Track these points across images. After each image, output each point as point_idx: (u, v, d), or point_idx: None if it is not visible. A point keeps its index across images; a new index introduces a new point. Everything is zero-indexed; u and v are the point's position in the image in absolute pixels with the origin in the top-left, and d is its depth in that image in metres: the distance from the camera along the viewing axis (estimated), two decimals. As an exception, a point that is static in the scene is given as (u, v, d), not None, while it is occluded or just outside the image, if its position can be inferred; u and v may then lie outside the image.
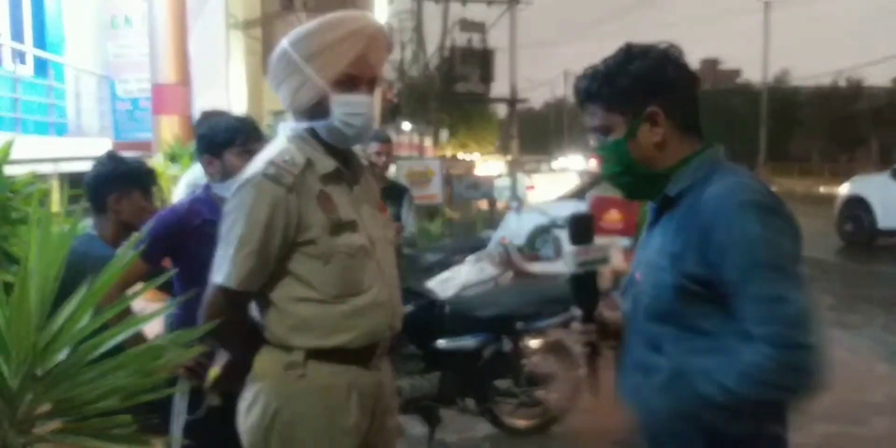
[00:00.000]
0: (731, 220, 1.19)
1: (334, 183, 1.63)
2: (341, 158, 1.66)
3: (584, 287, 1.44)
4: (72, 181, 3.28)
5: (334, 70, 1.57)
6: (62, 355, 1.47)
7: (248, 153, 2.24)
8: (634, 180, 1.36)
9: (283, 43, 1.61)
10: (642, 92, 1.30)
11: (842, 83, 34.85)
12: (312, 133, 1.64)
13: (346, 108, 1.59)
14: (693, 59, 1.35)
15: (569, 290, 1.44)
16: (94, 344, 1.49)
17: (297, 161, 1.58)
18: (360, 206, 1.67)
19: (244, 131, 2.29)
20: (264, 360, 1.61)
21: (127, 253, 1.70)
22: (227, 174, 2.25)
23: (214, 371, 1.71)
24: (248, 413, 1.62)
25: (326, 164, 1.62)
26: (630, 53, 1.32)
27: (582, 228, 1.45)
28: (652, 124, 1.31)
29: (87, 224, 2.30)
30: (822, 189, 21.64)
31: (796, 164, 31.04)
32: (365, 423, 1.66)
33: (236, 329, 1.62)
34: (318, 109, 1.60)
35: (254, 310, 1.65)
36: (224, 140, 2.26)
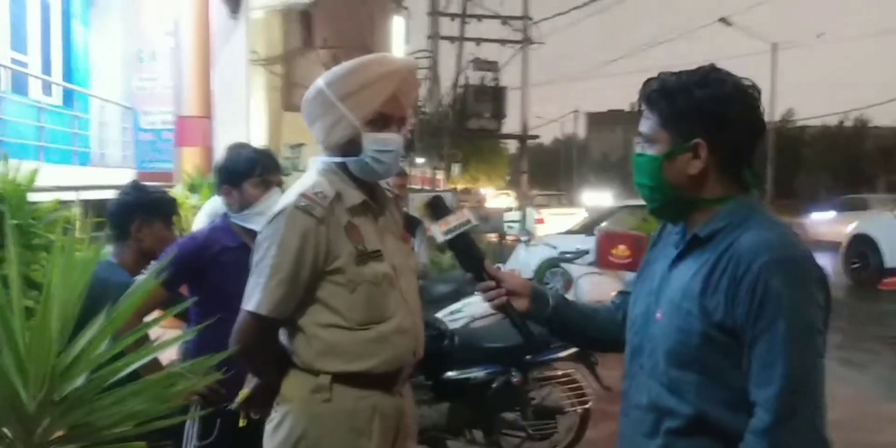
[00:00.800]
0: (759, 276, 1.16)
1: (361, 214, 1.69)
2: (368, 191, 1.72)
3: (462, 250, 1.56)
4: (94, 209, 3.35)
5: (367, 109, 1.65)
6: (80, 381, 1.49)
7: (266, 184, 2.30)
8: (661, 198, 1.31)
9: (320, 82, 1.68)
10: (697, 121, 1.24)
11: (848, 123, 34.80)
12: (342, 167, 1.70)
13: (378, 145, 1.67)
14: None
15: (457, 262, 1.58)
16: (111, 370, 1.50)
17: (328, 194, 1.64)
18: (384, 236, 1.72)
19: (262, 163, 2.35)
20: (292, 384, 1.66)
21: (147, 280, 1.73)
22: (245, 204, 2.30)
23: (244, 392, 1.74)
24: (275, 433, 1.65)
25: (354, 196, 1.68)
26: (705, 77, 1.26)
27: (437, 208, 1.57)
28: (693, 156, 1.25)
29: (109, 251, 2.35)
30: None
31: (803, 202, 30.87)
32: (386, 447, 1.68)
33: (266, 354, 1.66)
34: (350, 146, 1.67)
35: (282, 335, 1.69)
36: (243, 171, 2.32)
